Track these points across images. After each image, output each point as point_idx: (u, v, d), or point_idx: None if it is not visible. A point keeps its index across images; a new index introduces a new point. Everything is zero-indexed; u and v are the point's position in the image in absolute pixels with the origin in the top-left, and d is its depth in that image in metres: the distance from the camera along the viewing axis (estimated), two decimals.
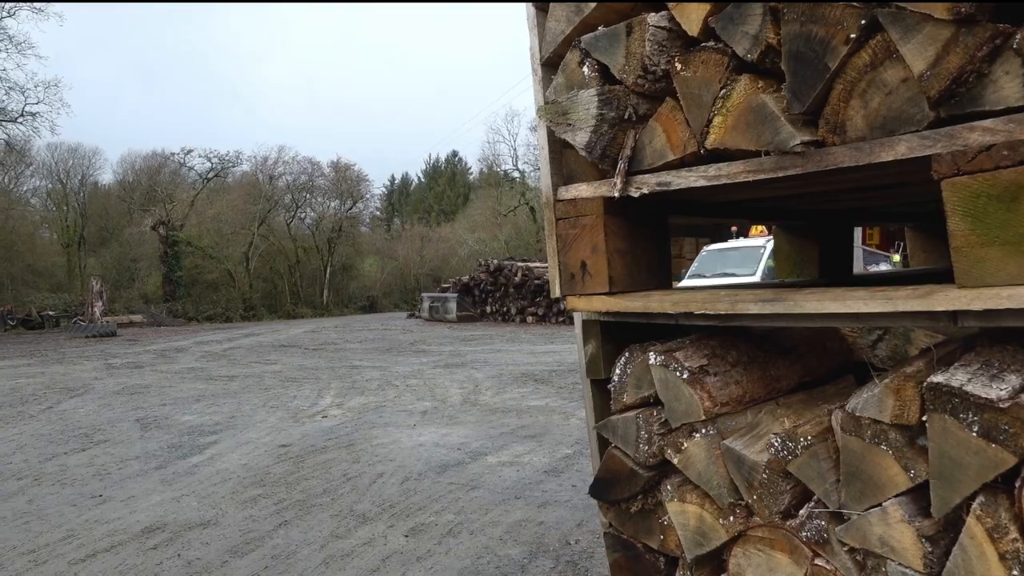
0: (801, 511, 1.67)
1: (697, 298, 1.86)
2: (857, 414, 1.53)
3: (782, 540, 1.69)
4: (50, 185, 44.77)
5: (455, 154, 69.86)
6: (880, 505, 1.51)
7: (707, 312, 1.81)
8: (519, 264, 27.93)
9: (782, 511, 1.69)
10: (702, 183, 1.82)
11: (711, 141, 1.76)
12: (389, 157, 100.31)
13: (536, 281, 25.88)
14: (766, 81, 1.68)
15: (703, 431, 1.84)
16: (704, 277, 15.63)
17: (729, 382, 1.90)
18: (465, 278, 31.16)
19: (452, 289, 31.12)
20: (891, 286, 1.58)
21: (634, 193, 1.93)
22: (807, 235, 3.44)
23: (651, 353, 1.94)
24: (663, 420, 1.94)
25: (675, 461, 1.89)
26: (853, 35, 1.47)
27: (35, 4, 30.48)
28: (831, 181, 2.05)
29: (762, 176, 1.70)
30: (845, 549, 1.58)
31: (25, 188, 43.75)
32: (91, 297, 29.54)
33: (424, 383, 12.29)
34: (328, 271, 46.79)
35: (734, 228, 17.98)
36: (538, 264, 27.99)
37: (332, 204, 49.47)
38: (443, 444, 7.45)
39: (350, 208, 50.45)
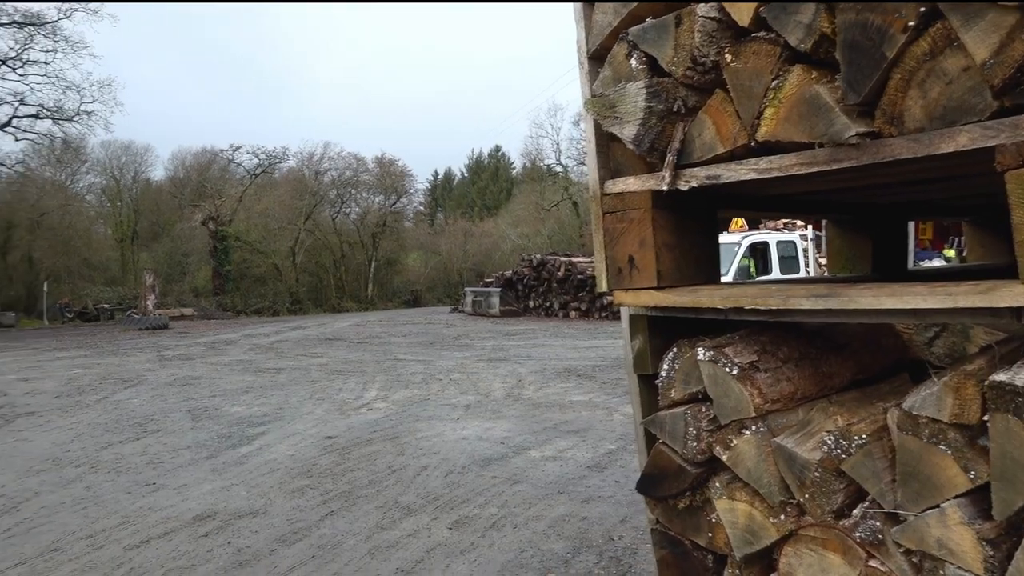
0: (855, 511, 1.63)
1: (748, 293, 1.83)
2: (914, 413, 1.49)
3: (835, 540, 1.66)
4: (104, 182, 46.06)
5: (498, 149, 69.97)
6: (938, 506, 1.47)
7: (758, 307, 1.78)
8: (562, 259, 27.83)
9: (835, 510, 1.66)
10: (752, 176, 1.78)
11: (762, 133, 1.72)
12: (433, 153, 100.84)
13: (579, 276, 25.78)
14: (820, 71, 1.64)
15: (753, 428, 1.81)
16: None
17: (780, 378, 1.86)
18: (508, 273, 31.19)
19: (495, 284, 31.19)
20: (950, 281, 1.54)
21: (683, 186, 1.91)
22: (859, 229, 3.36)
23: (700, 348, 1.91)
24: (712, 416, 1.91)
25: (724, 458, 1.86)
26: (912, 23, 1.43)
27: (89, 5, 31.31)
28: (886, 174, 2.00)
29: (815, 169, 1.66)
30: (901, 551, 1.54)
31: (81, 185, 45.09)
32: (144, 290, 30.31)
33: (467, 377, 12.35)
34: (372, 265, 47.29)
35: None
36: (581, 259, 27.88)
37: (376, 199, 49.97)
38: (486, 438, 7.48)
39: (394, 203, 50.90)
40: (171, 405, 9.99)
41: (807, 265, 16.11)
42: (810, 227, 16.29)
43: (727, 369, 1.83)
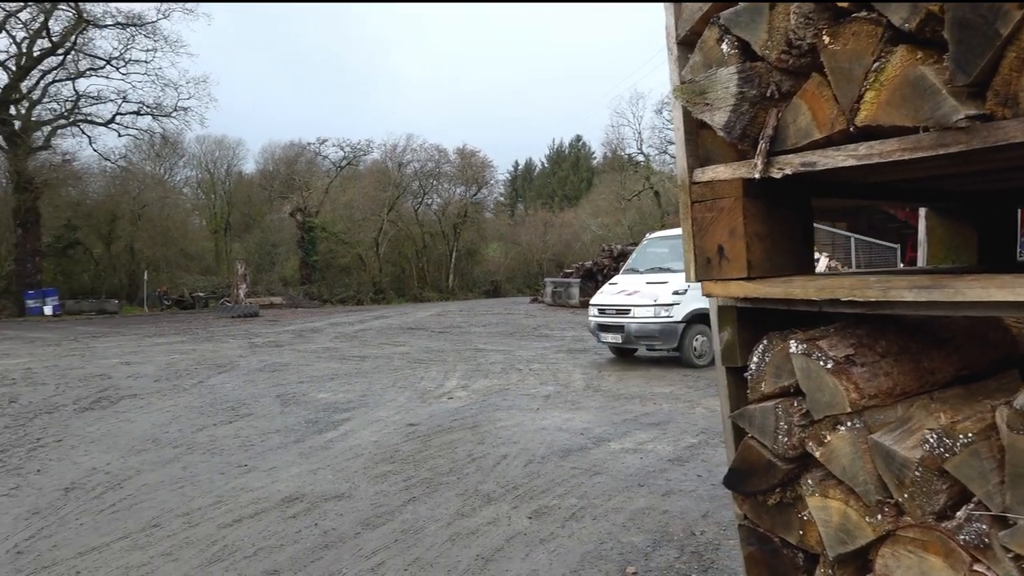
0: (959, 512, 1.55)
1: (844, 284, 1.76)
2: None
3: (936, 543, 1.58)
4: (199, 175, 48.11)
5: (579, 139, 69.65)
6: None
7: (855, 299, 1.71)
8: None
9: (936, 512, 1.58)
10: (851, 163, 1.71)
11: (862, 118, 1.65)
12: (513, 143, 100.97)
13: None
14: (925, 52, 1.56)
15: (848, 424, 1.75)
16: (638, 273, 13.47)
17: (878, 373, 1.79)
18: (588, 263, 31.08)
19: (575, 274, 31.13)
20: None
21: (776, 174, 1.85)
22: (963, 218, 3.19)
23: (792, 341, 1.86)
24: (804, 411, 1.85)
25: (817, 454, 1.80)
26: None
27: (186, 5, 32.64)
28: (996, 159, 1.89)
29: (920, 154, 1.58)
30: (1010, 556, 1.46)
31: (178, 178, 47.26)
32: (236, 279, 31.50)
33: (547, 367, 12.37)
34: (453, 256, 47.87)
35: None
36: None
37: (457, 190, 50.52)
38: (566, 429, 7.48)
39: (475, 194, 51.36)
40: (261, 390, 10.37)
41: None
42: None
43: (821, 363, 1.77)
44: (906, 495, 1.62)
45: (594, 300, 13.40)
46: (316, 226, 42.85)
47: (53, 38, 32.01)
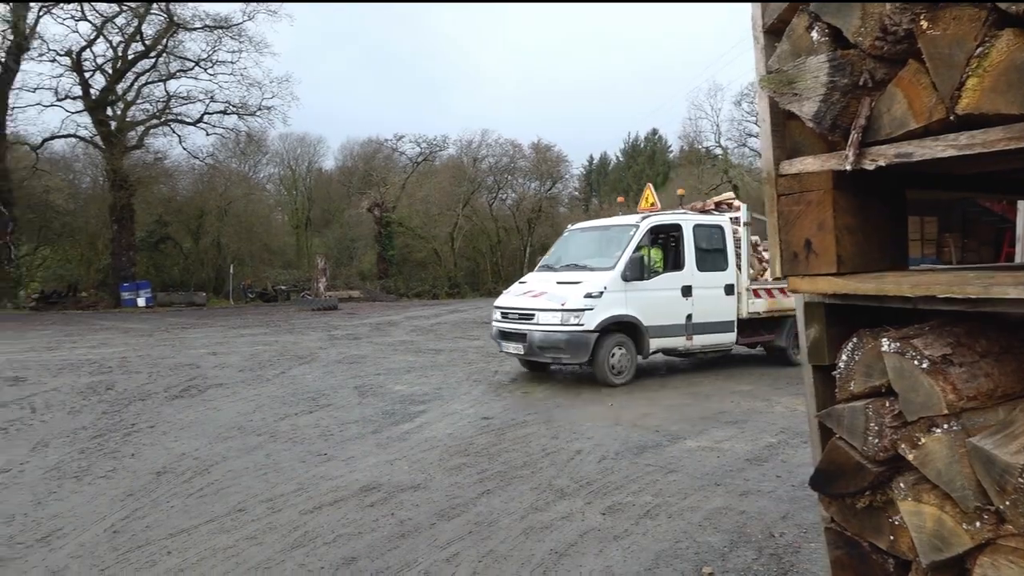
0: None
1: (941, 280, 1.68)
2: None
3: None
4: (282, 172, 49.59)
5: (654, 132, 68.76)
6: None
7: (954, 296, 1.63)
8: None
9: None
10: (951, 153, 1.63)
11: (963, 106, 1.57)
12: (588, 138, 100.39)
13: None
14: None
15: (945, 426, 1.67)
16: (552, 270, 11.29)
17: (977, 374, 1.71)
18: None
19: None
20: None
21: (869, 166, 1.78)
22: None
23: (884, 339, 1.79)
24: (896, 412, 1.78)
25: (910, 457, 1.73)
26: None
27: (270, 6, 33.70)
28: None
29: None
30: None
31: (262, 175, 48.81)
32: (316, 273, 32.42)
33: None
34: (528, 250, 47.93)
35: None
36: None
37: (532, 185, 50.58)
38: (641, 425, 7.41)
39: (549, 188, 51.30)
40: (340, 381, 10.62)
41: (740, 259, 11.39)
42: (744, 208, 11.83)
43: (916, 362, 1.70)
44: (1008, 502, 1.54)
45: (497, 302, 11.15)
46: (393, 221, 43.59)
47: (146, 41, 33.59)
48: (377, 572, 3.95)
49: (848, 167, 1.80)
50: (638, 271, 10.04)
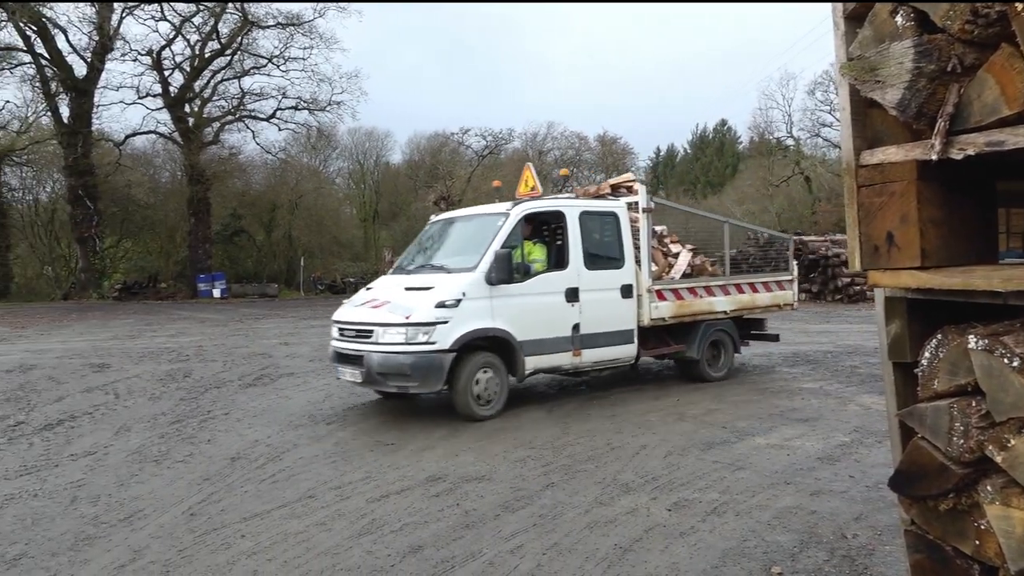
0: None
1: None
2: None
3: None
4: (350, 166, 50.42)
5: (723, 123, 67.28)
6: None
7: None
8: (792, 238, 26.42)
9: None
10: None
11: None
12: (655, 129, 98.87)
13: (811, 256, 24.30)
14: None
15: None
16: (406, 272, 8.83)
17: None
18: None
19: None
20: None
21: (957, 155, 1.70)
22: None
23: (971, 336, 1.71)
24: (984, 412, 1.70)
25: (998, 459, 1.66)
26: None
27: (340, 3, 34.32)
28: None
29: None
30: None
31: (331, 169, 49.73)
32: (384, 266, 32.82)
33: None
34: None
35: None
36: (813, 238, 26.25)
37: (598, 177, 50.21)
38: (707, 421, 7.30)
39: None
40: None
41: (640, 254, 9.02)
42: (643, 190, 9.36)
43: (1006, 360, 1.62)
44: None
45: (336, 315, 8.49)
46: None
47: (222, 40, 34.64)
48: (442, 561, 4.00)
49: (934, 156, 1.72)
50: (507, 272, 7.70)
